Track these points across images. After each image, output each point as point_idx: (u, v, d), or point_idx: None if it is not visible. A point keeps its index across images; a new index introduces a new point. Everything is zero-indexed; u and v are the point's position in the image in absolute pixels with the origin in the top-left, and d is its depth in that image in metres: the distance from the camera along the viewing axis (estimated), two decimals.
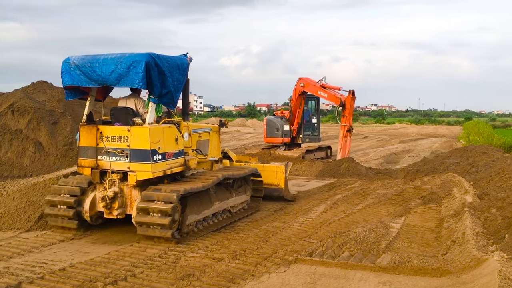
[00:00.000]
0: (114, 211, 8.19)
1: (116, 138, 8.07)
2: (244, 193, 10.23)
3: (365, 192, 12.81)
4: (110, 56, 8.08)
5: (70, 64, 8.29)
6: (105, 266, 6.63)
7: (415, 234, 8.46)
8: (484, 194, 10.23)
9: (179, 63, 8.68)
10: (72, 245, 7.71)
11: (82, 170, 8.43)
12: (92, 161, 8.25)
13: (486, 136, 32.14)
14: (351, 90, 17.49)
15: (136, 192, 8.17)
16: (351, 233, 8.03)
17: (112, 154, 8.07)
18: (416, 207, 10.68)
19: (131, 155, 7.94)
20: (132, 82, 7.88)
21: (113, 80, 8.03)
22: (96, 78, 8.12)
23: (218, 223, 9.13)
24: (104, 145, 8.10)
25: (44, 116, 13.98)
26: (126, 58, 7.90)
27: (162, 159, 8.07)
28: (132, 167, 7.94)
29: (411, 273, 6.39)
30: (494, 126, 62.13)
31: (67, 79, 8.36)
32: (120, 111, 8.52)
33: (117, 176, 8.16)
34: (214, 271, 6.42)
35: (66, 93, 8.74)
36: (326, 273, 6.42)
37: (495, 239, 7.22)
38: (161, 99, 8.32)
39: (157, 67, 7.96)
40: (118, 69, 7.88)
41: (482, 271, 5.75)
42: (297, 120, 19.50)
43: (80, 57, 8.31)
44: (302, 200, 11.75)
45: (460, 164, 16.04)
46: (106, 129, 8.20)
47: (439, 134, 46.83)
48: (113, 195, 8.08)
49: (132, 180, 7.97)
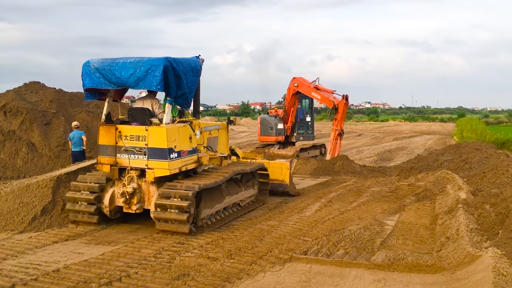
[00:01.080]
0: (133, 206, 8.62)
1: (134, 137, 8.56)
2: (252, 187, 10.78)
3: (360, 190, 12.84)
4: (129, 60, 8.56)
5: (90, 67, 8.72)
6: (100, 267, 6.59)
7: (410, 231, 8.48)
8: (477, 190, 10.27)
9: (193, 66, 9.15)
10: (66, 246, 7.66)
11: (101, 167, 8.93)
12: (111, 159, 8.74)
13: (479, 132, 32.31)
14: (345, 95, 17.58)
15: (153, 188, 8.59)
16: (346, 231, 8.05)
17: (131, 152, 8.55)
18: (410, 204, 10.72)
19: (149, 153, 8.43)
20: (150, 85, 8.37)
21: (131, 82, 8.50)
22: (115, 81, 8.58)
23: (228, 216, 9.58)
24: (123, 143, 8.58)
25: (37, 117, 13.91)
26: (144, 62, 8.37)
27: (178, 157, 8.57)
28: (150, 164, 8.44)
29: (406, 270, 6.41)
30: (487, 123, 62.50)
31: (87, 81, 8.80)
32: (137, 111, 8.93)
33: (135, 173, 8.65)
34: (209, 270, 6.40)
35: (86, 94, 9.13)
36: (321, 271, 6.43)
37: (489, 235, 7.25)
38: (176, 100, 8.79)
39: (174, 70, 8.44)
40: (137, 73, 8.35)
41: (476, 267, 5.77)
42: (291, 119, 19.52)
43: (100, 61, 8.74)
44: (297, 199, 11.75)
45: (454, 161, 16.10)
46: (124, 128, 8.67)
47: (432, 131, 47.03)
48: (132, 191, 8.54)
49: (150, 176, 8.45)
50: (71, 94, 16.17)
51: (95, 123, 14.49)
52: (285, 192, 11.99)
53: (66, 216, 9.00)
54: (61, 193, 9.23)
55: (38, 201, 8.93)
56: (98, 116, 14.74)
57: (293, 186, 12.34)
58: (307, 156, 19.21)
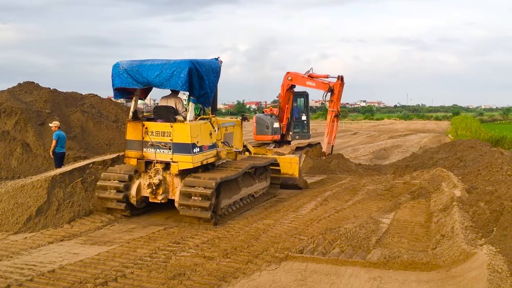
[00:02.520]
0: (159, 196, 9.38)
1: (160, 133, 9.29)
2: (265, 180, 11.70)
3: (355, 188, 12.86)
4: (156, 62, 9.26)
5: (119, 68, 9.43)
6: (95, 267, 6.58)
7: (405, 229, 8.51)
8: (472, 188, 10.31)
9: (214, 67, 9.88)
10: (61, 247, 7.64)
11: (128, 161, 9.66)
12: (138, 153, 9.49)
13: (473, 130, 32.43)
14: (340, 76, 17.57)
15: (177, 179, 9.32)
16: (342, 229, 8.06)
17: (157, 146, 9.28)
18: (405, 202, 10.75)
19: (173, 148, 9.16)
20: (175, 85, 9.11)
21: (157, 82, 9.22)
22: (142, 80, 9.27)
23: (244, 206, 10.45)
24: (150, 139, 9.30)
25: (32, 117, 13.85)
26: (170, 64, 9.09)
27: (200, 151, 9.33)
28: (175, 158, 9.17)
29: (401, 268, 6.44)
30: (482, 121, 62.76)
31: (117, 81, 9.49)
32: (162, 109, 9.68)
33: (160, 166, 9.36)
34: (205, 270, 6.40)
35: (115, 93, 9.82)
36: (317, 270, 6.44)
37: (484, 232, 7.29)
38: (199, 99, 9.52)
39: (197, 72, 9.16)
40: (163, 74, 9.04)
41: (471, 264, 5.79)
42: (286, 116, 19.39)
43: (128, 62, 9.45)
44: (293, 197, 11.77)
45: (449, 159, 16.16)
46: (150, 125, 9.40)
47: (427, 129, 47.17)
48: (158, 182, 9.28)
49: (175, 169, 9.17)
50: (65, 94, 16.11)
51: (90, 123, 14.47)
52: (294, 185, 12.66)
53: (61, 216, 8.98)
54: (56, 194, 9.21)
55: (33, 202, 8.90)
56: (93, 116, 14.72)
57: (302, 179, 13.01)
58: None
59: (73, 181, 9.75)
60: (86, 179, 10.05)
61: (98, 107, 16.02)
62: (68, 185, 9.59)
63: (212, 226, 8.84)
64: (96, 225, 8.91)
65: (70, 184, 9.65)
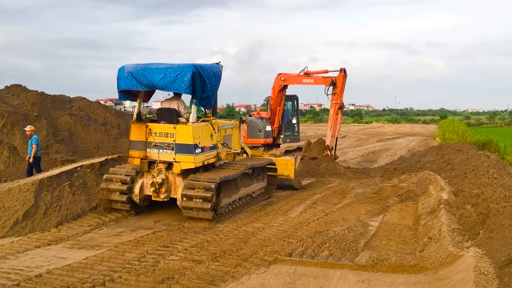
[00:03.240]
0: (161, 195, 9.69)
1: (163, 134, 9.64)
2: (262, 180, 12.14)
3: (344, 191, 12.92)
4: (160, 66, 9.63)
5: (125, 71, 9.78)
6: (83, 271, 6.53)
7: (393, 232, 8.57)
8: (459, 191, 10.42)
9: (215, 71, 10.26)
10: (48, 251, 7.57)
11: (132, 160, 9.97)
12: (141, 153, 9.81)
13: (460, 134, 32.73)
14: (343, 68, 17.43)
15: (179, 179, 9.65)
16: (330, 232, 8.09)
17: (160, 147, 9.62)
18: (393, 205, 10.82)
19: (176, 148, 9.52)
20: (179, 88, 9.45)
21: (161, 85, 9.57)
22: (146, 83, 9.63)
23: (242, 205, 10.86)
24: (153, 139, 9.64)
25: (19, 120, 13.71)
26: (174, 68, 9.46)
27: (201, 152, 9.72)
28: (177, 158, 9.52)
29: (389, 271, 6.48)
30: (468, 124, 63.41)
31: (122, 83, 9.84)
32: (165, 111, 9.99)
33: (163, 166, 9.68)
34: (194, 273, 6.39)
35: (120, 95, 10.17)
36: (306, 273, 6.46)
37: (470, 235, 7.36)
38: (201, 102, 9.90)
39: (200, 76, 9.51)
40: (167, 77, 9.39)
41: (458, 267, 5.85)
42: (278, 119, 19.25)
43: (133, 66, 9.81)
44: (282, 200, 11.79)
45: (436, 162, 16.30)
46: (154, 126, 9.75)
47: (415, 132, 47.55)
48: (161, 181, 9.60)
49: (177, 169, 9.53)
50: (53, 97, 15.97)
51: (78, 126, 14.37)
52: (290, 186, 13.10)
53: (48, 220, 8.91)
54: (43, 197, 9.14)
55: (20, 206, 8.82)
56: (81, 119, 14.63)
57: (297, 180, 13.45)
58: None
59: (61, 184, 9.69)
60: (74, 182, 9.99)
61: (86, 110, 15.92)
62: (56, 189, 9.52)
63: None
64: (83, 229, 8.85)
65: (58, 187, 9.58)
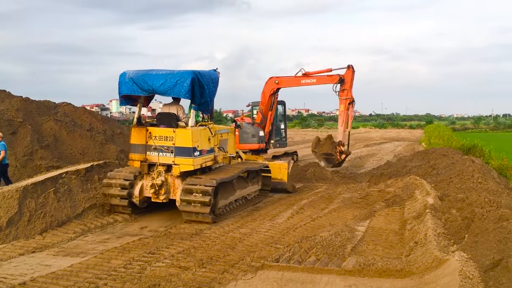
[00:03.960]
0: (161, 196, 10.05)
1: (163, 137, 10.00)
2: (257, 183, 12.56)
3: (331, 197, 12.95)
4: (160, 72, 9.97)
5: (126, 77, 10.09)
6: (68, 279, 6.45)
7: (380, 237, 8.61)
8: (444, 195, 10.51)
9: (213, 78, 10.62)
10: (33, 259, 7.46)
11: (132, 163, 10.32)
12: (141, 156, 10.16)
13: (446, 139, 33.08)
14: (350, 65, 17.26)
15: (178, 181, 10.02)
16: (317, 238, 8.10)
17: (160, 150, 9.98)
18: (380, 210, 10.88)
19: (175, 151, 9.86)
20: (179, 93, 9.78)
21: (161, 90, 9.89)
22: (147, 88, 9.95)
23: (238, 207, 11.23)
24: (153, 143, 10.01)
25: (3, 126, 13.54)
26: (174, 74, 9.81)
27: (199, 155, 10.08)
28: (176, 161, 9.86)
29: (376, 275, 6.50)
30: (454, 129, 64.18)
31: (123, 89, 10.14)
32: (165, 115, 10.38)
33: (163, 168, 10.03)
34: (180, 280, 6.34)
35: (121, 100, 10.47)
36: (293, 278, 6.45)
37: (456, 239, 7.42)
38: (199, 107, 10.24)
39: (199, 82, 9.86)
40: (167, 82, 9.72)
41: (443, 271, 5.89)
42: (269, 123, 19.06)
43: (135, 72, 10.13)
44: (269, 206, 11.78)
45: (422, 167, 16.44)
46: (154, 130, 10.10)
47: (401, 137, 47.91)
48: (161, 183, 9.95)
49: (176, 171, 9.86)
50: (38, 103, 15.82)
51: (63, 132, 14.24)
52: (283, 189, 13.49)
53: (33, 227, 8.79)
54: (27, 204, 9.01)
55: (4, 213, 8.68)
56: (66, 125, 14.49)
57: (290, 183, 13.82)
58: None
59: (46, 191, 9.57)
60: (59, 189, 9.87)
61: (72, 115, 15.79)
62: (40, 196, 9.40)
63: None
64: (68, 236, 8.75)
65: (42, 194, 9.46)
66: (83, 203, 10.12)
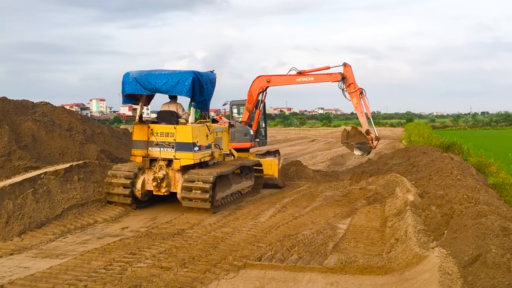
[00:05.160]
0: (162, 189, 10.67)
1: (164, 134, 10.67)
2: (250, 179, 13.21)
3: (313, 195, 13.01)
4: (163, 72, 10.68)
5: (130, 77, 10.76)
6: (47, 281, 6.34)
7: (361, 234, 8.67)
8: (424, 192, 10.64)
9: (210, 78, 11.35)
10: (11, 261, 7.32)
11: (134, 158, 10.94)
12: (143, 151, 10.79)
13: (426, 137, 33.50)
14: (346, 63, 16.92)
15: (178, 175, 10.67)
16: (300, 236, 8.13)
17: (161, 145, 10.63)
18: (361, 208, 10.97)
19: (176, 147, 10.56)
20: (180, 91, 10.54)
21: (164, 89, 10.64)
22: (150, 88, 10.65)
23: (233, 200, 11.89)
24: (155, 139, 10.64)
25: None
26: (176, 74, 10.54)
27: (199, 150, 10.78)
28: (177, 155, 10.56)
29: (357, 272, 6.55)
30: (433, 127, 65.09)
31: (127, 88, 10.82)
32: (165, 113, 11.05)
33: (164, 163, 10.65)
34: (162, 280, 6.29)
35: (124, 99, 11.09)
36: (275, 277, 6.45)
37: (435, 235, 7.52)
38: (199, 105, 10.95)
39: (199, 81, 10.56)
40: (170, 82, 10.44)
41: (423, 267, 5.96)
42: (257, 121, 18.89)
43: (138, 72, 10.81)
44: (251, 205, 11.77)
45: (402, 165, 16.61)
46: (156, 126, 10.78)
47: (382, 135, 48.25)
48: (162, 176, 10.58)
49: (177, 165, 10.56)
50: (16, 102, 15.49)
51: (41, 132, 13.99)
52: (274, 184, 14.19)
53: (11, 229, 8.62)
54: (5, 206, 8.83)
55: None
56: (45, 124, 14.25)
57: (281, 179, 14.47)
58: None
59: (24, 192, 9.39)
60: (38, 190, 9.71)
61: (51, 115, 15.51)
62: (18, 197, 9.22)
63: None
64: (48, 237, 8.61)
65: (20, 195, 9.29)
66: (63, 204, 9.97)
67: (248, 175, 13.08)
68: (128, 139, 17.24)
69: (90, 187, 11.03)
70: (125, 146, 16.43)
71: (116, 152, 15.10)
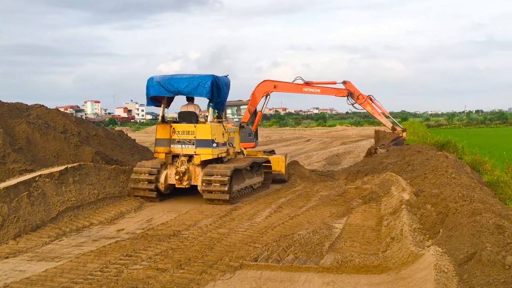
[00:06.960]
0: (184, 182, 11.83)
1: (185, 132, 11.83)
2: (260, 175, 14.27)
3: (309, 194, 13.03)
4: (184, 76, 11.85)
5: (154, 81, 11.92)
6: (42, 284, 6.31)
7: (357, 233, 8.69)
8: (419, 191, 10.67)
9: (226, 82, 12.49)
10: (6, 264, 7.28)
11: (158, 155, 12.09)
12: (166, 148, 11.92)
13: (420, 135, 33.61)
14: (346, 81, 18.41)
15: (198, 169, 11.84)
16: (296, 236, 8.13)
17: (182, 143, 11.80)
18: (357, 207, 10.98)
19: (196, 143, 11.72)
20: (201, 93, 11.72)
21: (186, 91, 11.87)
22: (173, 90, 11.84)
23: (247, 194, 13.02)
24: (177, 136, 11.83)
25: None
26: (196, 77, 11.69)
27: (216, 146, 11.98)
28: (197, 151, 11.73)
29: (354, 272, 6.55)
30: (428, 126, 65.32)
31: (151, 91, 12.00)
32: (186, 113, 12.29)
33: (185, 158, 11.81)
34: (158, 282, 6.28)
35: (148, 101, 12.39)
36: (272, 277, 6.45)
37: (431, 234, 7.54)
38: (216, 105, 12.12)
39: (216, 84, 11.71)
40: (191, 84, 11.63)
41: (419, 265, 5.98)
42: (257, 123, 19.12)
43: (161, 76, 12.00)
44: (247, 205, 11.77)
45: (398, 163, 16.64)
46: (177, 126, 11.96)
47: None
48: (184, 170, 11.75)
49: (197, 160, 11.75)
50: (9, 105, 15.41)
51: (36, 134, 13.94)
52: (282, 179, 15.24)
53: (6, 232, 8.58)
54: (0, 209, 8.78)
55: None
56: (39, 127, 14.19)
57: (287, 174, 15.65)
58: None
59: (19, 195, 9.35)
60: (33, 192, 9.67)
61: (45, 118, 15.44)
62: (13, 200, 9.18)
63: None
64: (43, 240, 8.57)
65: (15, 198, 9.24)
66: (58, 206, 9.94)
67: (258, 171, 14.09)
68: (123, 141, 17.23)
69: (85, 189, 11.00)
70: (120, 148, 16.40)
71: (111, 154, 15.05)
